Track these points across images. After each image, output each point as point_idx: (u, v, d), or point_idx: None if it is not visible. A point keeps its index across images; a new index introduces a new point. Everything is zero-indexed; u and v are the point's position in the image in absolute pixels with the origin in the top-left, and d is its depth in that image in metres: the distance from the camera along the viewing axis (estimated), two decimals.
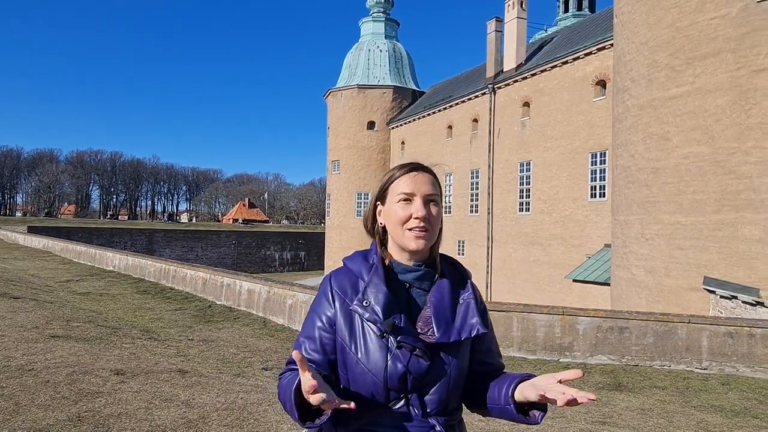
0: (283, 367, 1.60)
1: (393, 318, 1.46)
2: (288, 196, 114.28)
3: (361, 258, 1.62)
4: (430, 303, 1.52)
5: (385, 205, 1.59)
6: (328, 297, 1.55)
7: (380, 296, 1.48)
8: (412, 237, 1.52)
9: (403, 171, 1.58)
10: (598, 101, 23.55)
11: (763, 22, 13.76)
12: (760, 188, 13.73)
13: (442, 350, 1.48)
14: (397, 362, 1.43)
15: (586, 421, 6.53)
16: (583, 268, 22.39)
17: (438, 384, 1.47)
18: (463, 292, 1.58)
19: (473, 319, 1.52)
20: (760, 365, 9.51)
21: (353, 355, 1.47)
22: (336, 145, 43.47)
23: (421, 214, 1.51)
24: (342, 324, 1.51)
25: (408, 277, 1.56)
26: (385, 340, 1.45)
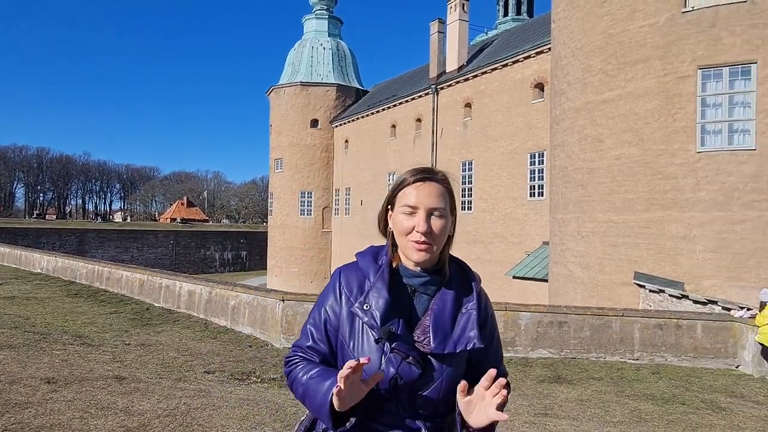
0: (291, 355, 1.65)
1: (390, 325, 1.48)
2: (228, 194, 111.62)
3: (371, 256, 1.64)
4: (431, 312, 1.53)
5: (393, 211, 1.59)
6: (336, 292, 1.61)
7: (381, 302, 1.51)
8: (413, 249, 1.53)
9: (412, 179, 1.57)
10: (537, 103, 24.31)
11: (687, 31, 14.61)
12: (685, 188, 14.58)
13: (436, 359, 1.50)
14: (390, 366, 1.47)
15: (529, 414, 6.73)
16: (522, 265, 23.07)
17: (429, 390, 1.49)
18: (468, 302, 1.58)
19: (471, 332, 1.52)
20: (686, 354, 10.10)
21: (350, 353, 1.52)
22: (279, 143, 42.82)
23: (422, 229, 1.50)
24: (345, 321, 1.56)
25: (413, 281, 1.57)
26: (381, 344, 1.49)
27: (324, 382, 1.47)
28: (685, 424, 6.67)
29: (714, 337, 10.15)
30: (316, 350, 1.60)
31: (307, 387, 1.51)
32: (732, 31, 14.07)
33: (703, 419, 6.95)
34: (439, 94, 30.89)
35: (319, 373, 1.51)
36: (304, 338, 1.63)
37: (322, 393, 1.45)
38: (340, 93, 41.99)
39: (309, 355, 1.60)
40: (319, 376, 1.50)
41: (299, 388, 1.53)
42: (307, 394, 1.50)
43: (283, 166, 42.56)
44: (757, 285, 12.75)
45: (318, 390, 1.47)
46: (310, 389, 1.49)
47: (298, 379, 1.54)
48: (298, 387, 1.54)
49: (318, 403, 1.45)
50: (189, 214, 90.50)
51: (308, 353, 1.61)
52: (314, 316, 1.63)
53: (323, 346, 1.59)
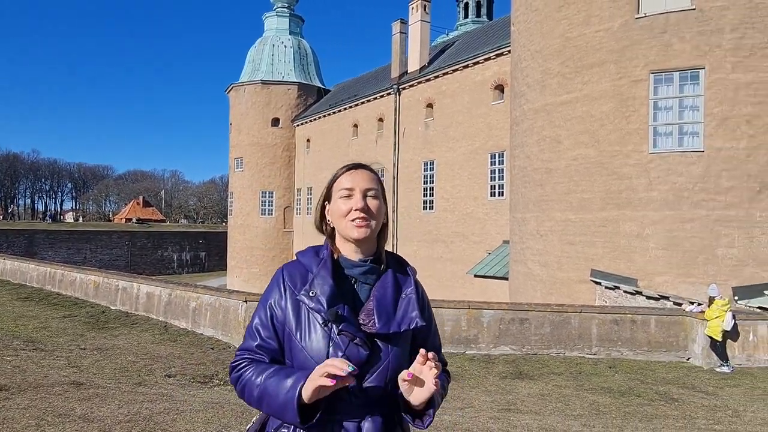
0: (237, 360, 1.61)
1: (336, 308, 1.53)
2: (187, 194, 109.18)
3: (312, 252, 1.71)
4: (373, 296, 1.60)
5: (331, 203, 1.69)
6: (280, 287, 1.64)
7: (326, 287, 1.56)
8: (353, 227, 1.61)
9: (344, 170, 1.70)
10: (497, 105, 24.72)
11: (640, 36, 15.14)
12: (638, 188, 15.10)
13: (382, 341, 1.55)
14: (337, 349, 1.51)
15: (493, 410, 6.85)
16: (483, 263, 23.43)
17: (377, 372, 1.53)
18: (406, 288, 1.66)
19: (413, 312, 1.59)
20: (641, 348, 10.48)
21: (298, 342, 1.55)
22: (239, 142, 42.16)
23: (360, 206, 1.61)
24: (290, 313, 1.59)
25: (354, 271, 1.64)
26: (328, 329, 1.53)
27: (285, 380, 1.46)
28: (641, 415, 6.92)
29: (666, 332, 10.56)
30: (265, 348, 1.59)
31: (265, 388, 1.49)
32: (682, 37, 14.66)
33: (657, 410, 7.22)
34: (401, 94, 31.03)
35: (275, 372, 1.51)
36: (251, 339, 1.62)
37: (286, 390, 1.44)
38: (302, 92, 41.67)
39: (258, 356, 1.59)
40: (276, 375, 1.50)
41: (254, 391, 1.51)
42: (266, 394, 1.49)
43: (244, 165, 41.94)
44: (705, 281, 13.32)
45: (279, 389, 1.46)
46: (270, 390, 1.48)
47: (252, 382, 1.53)
48: (252, 390, 1.52)
49: (281, 402, 1.45)
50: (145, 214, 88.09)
51: (257, 354, 1.60)
52: (259, 315, 1.63)
53: (273, 342, 1.60)
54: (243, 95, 41.62)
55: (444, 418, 5.67)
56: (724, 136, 14.28)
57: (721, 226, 14.24)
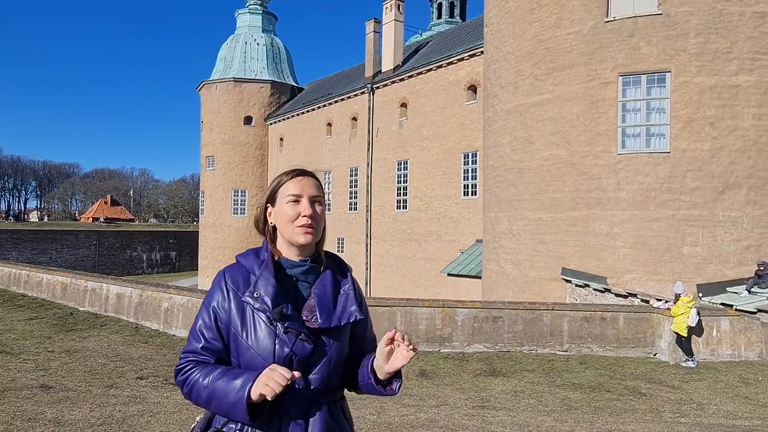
0: (183, 363, 1.65)
1: (281, 307, 1.61)
2: (156, 193, 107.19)
3: (253, 255, 1.76)
4: (314, 294, 1.69)
5: (275, 206, 1.75)
6: (222, 290, 1.69)
7: (269, 288, 1.63)
8: (301, 232, 1.69)
9: (291, 176, 1.76)
10: (470, 105, 24.96)
11: (609, 39, 15.48)
12: (607, 188, 15.45)
13: (324, 335, 1.65)
14: (284, 346, 1.59)
15: (467, 407, 6.94)
16: (456, 262, 23.64)
17: (320, 364, 1.64)
18: (344, 284, 1.77)
19: (352, 307, 1.71)
20: (610, 344, 10.73)
21: (245, 342, 1.62)
22: (211, 140, 41.61)
23: (308, 213, 1.69)
24: (235, 314, 1.64)
25: (295, 271, 1.72)
26: (273, 327, 1.60)
27: (233, 382, 1.52)
28: (611, 409, 7.10)
29: (635, 328, 10.84)
30: (210, 350, 1.64)
31: (213, 390, 1.55)
32: (649, 41, 15.04)
33: (626, 405, 7.42)
34: (374, 94, 31.06)
35: (223, 374, 1.56)
36: (195, 341, 1.66)
37: (236, 391, 1.50)
38: (275, 90, 41.35)
39: (203, 358, 1.64)
40: (223, 377, 1.55)
41: (202, 393, 1.57)
42: (215, 396, 1.54)
43: (215, 163, 41.42)
44: (671, 278, 13.70)
45: (228, 390, 1.52)
46: (218, 391, 1.54)
47: (199, 384, 1.58)
48: (200, 392, 1.57)
49: (231, 402, 1.51)
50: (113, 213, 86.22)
51: (202, 355, 1.64)
52: (202, 318, 1.67)
53: (217, 343, 1.64)
54: (215, 93, 41.09)
55: (420, 416, 5.72)
56: (689, 138, 14.71)
57: (686, 226, 14.67)
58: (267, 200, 1.77)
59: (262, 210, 1.78)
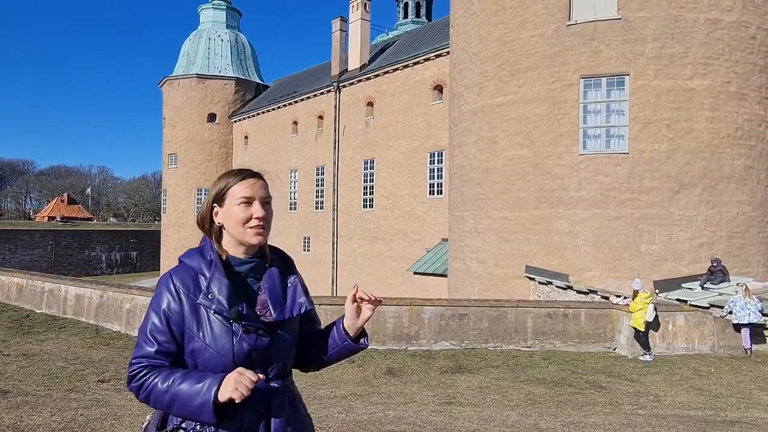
0: (135, 368, 1.65)
1: (237, 307, 1.67)
2: (116, 191, 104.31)
3: (198, 255, 1.78)
4: (264, 289, 1.75)
5: (223, 207, 1.77)
6: (172, 293, 1.70)
7: (223, 289, 1.67)
8: (253, 233, 1.74)
9: (241, 177, 1.78)
10: (436, 104, 25.17)
11: (571, 42, 15.86)
12: (569, 187, 15.83)
13: (278, 328, 1.73)
14: (243, 342, 1.66)
15: (435, 404, 7.03)
16: (423, 261, 23.83)
17: (278, 355, 1.73)
18: (290, 277, 1.83)
19: (301, 298, 1.79)
20: (572, 340, 11.01)
21: (201, 342, 1.66)
22: (173, 138, 40.77)
23: (260, 215, 1.74)
24: (189, 316, 1.67)
25: (243, 268, 1.77)
26: (229, 325, 1.66)
27: (196, 385, 1.57)
28: (573, 403, 7.31)
29: (595, 324, 11.16)
30: (165, 353, 1.66)
31: (175, 394, 1.58)
32: (609, 44, 15.47)
33: (587, 398, 7.64)
34: (341, 92, 30.99)
35: (183, 377, 1.60)
36: (148, 346, 1.66)
37: (201, 394, 1.55)
38: (240, 87, 40.79)
39: (157, 362, 1.65)
40: (185, 380, 1.59)
41: (162, 397, 1.59)
42: (177, 399, 1.58)
43: (178, 161, 40.61)
44: (630, 275, 14.15)
45: (192, 393, 1.56)
46: (181, 394, 1.57)
47: (158, 389, 1.60)
48: (160, 397, 1.60)
49: (197, 405, 1.55)
50: (71, 212, 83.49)
51: (156, 360, 1.65)
52: (152, 322, 1.68)
53: (171, 346, 1.66)
54: (177, 89, 40.27)
55: (388, 414, 5.78)
56: (646, 139, 15.21)
57: (644, 224, 15.16)
58: (213, 200, 1.79)
59: (208, 210, 1.80)
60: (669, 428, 5.01)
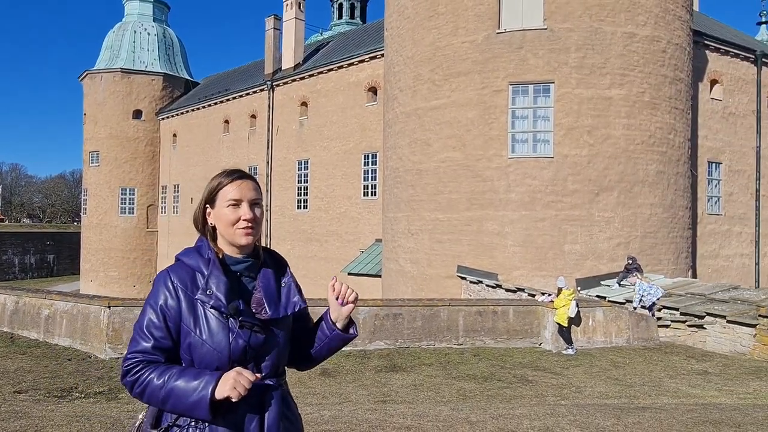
0: (131, 363, 1.68)
1: (235, 302, 1.72)
2: (31, 190, 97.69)
3: (196, 254, 1.83)
4: (259, 287, 1.80)
5: (215, 208, 1.82)
6: (169, 289, 1.74)
7: (221, 286, 1.72)
8: (242, 235, 1.78)
9: (231, 179, 1.83)
10: (371, 106, 25.35)
11: (501, 50, 16.47)
12: (499, 189, 16.43)
13: (273, 325, 1.77)
14: (239, 339, 1.69)
15: (370, 402, 7.14)
16: (357, 262, 23.94)
17: (271, 352, 1.77)
18: (284, 277, 1.89)
19: (295, 297, 1.85)
20: (501, 336, 11.45)
21: (198, 338, 1.70)
22: (95, 135, 38.70)
23: (249, 216, 1.78)
24: (186, 313, 1.71)
25: (238, 267, 1.82)
26: (226, 321, 1.70)
27: (193, 381, 1.61)
28: (502, 397, 7.63)
29: (523, 320, 11.66)
30: (161, 348, 1.70)
31: (171, 389, 1.61)
32: (536, 53, 16.20)
33: (515, 392, 8.00)
34: (274, 91, 30.58)
35: (180, 374, 1.64)
36: (144, 341, 1.70)
37: (198, 391, 1.59)
38: (168, 83, 39.32)
39: (153, 357, 1.69)
40: (181, 377, 1.63)
41: (157, 392, 1.63)
42: (173, 395, 1.61)
43: (100, 159, 38.61)
44: (555, 274, 14.86)
45: (189, 389, 1.60)
46: (177, 390, 1.61)
47: (154, 384, 1.63)
48: (155, 392, 1.63)
49: (192, 401, 1.59)
50: None
51: (151, 355, 1.69)
52: (149, 317, 1.72)
53: (167, 342, 1.70)
54: (100, 84, 38.29)
55: (323, 414, 5.82)
56: (569, 144, 16.04)
57: (567, 225, 15.99)
58: (206, 201, 1.84)
59: (201, 211, 1.85)
60: (588, 416, 5.37)
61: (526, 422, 5.07)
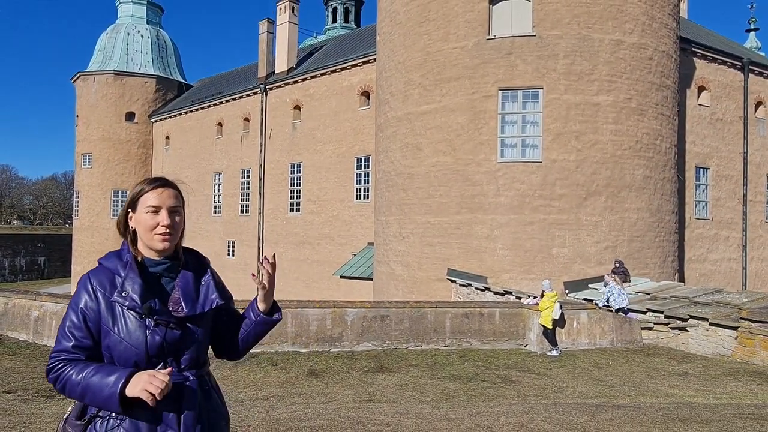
0: (53, 362, 1.80)
1: (149, 303, 1.83)
2: (21, 192, 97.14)
3: (115, 257, 1.94)
4: (177, 287, 1.92)
5: (136, 213, 1.93)
6: (89, 292, 1.86)
7: (136, 287, 1.83)
8: (159, 240, 1.89)
9: (152, 186, 1.93)
10: (363, 110, 25.52)
11: (491, 56, 16.68)
12: (488, 193, 16.61)
13: (190, 322, 1.89)
14: (155, 335, 1.81)
15: (354, 401, 7.27)
16: (349, 265, 24.05)
17: (189, 347, 1.89)
18: (205, 276, 2.00)
19: (213, 295, 1.96)
20: (487, 338, 11.61)
21: (116, 336, 1.81)
22: (87, 136, 38.69)
23: (166, 223, 1.89)
24: (105, 313, 1.82)
25: (157, 269, 1.92)
26: (142, 320, 1.81)
27: (107, 378, 1.72)
28: (485, 396, 7.78)
29: (508, 322, 11.82)
30: (81, 347, 1.81)
31: (87, 385, 1.73)
32: (525, 59, 16.42)
33: (498, 391, 8.15)
34: (268, 95, 30.71)
35: (96, 370, 1.75)
36: (65, 341, 1.81)
37: (110, 386, 1.70)
38: (161, 86, 39.38)
39: (73, 356, 1.80)
40: (96, 373, 1.74)
41: (76, 388, 1.75)
42: (89, 390, 1.73)
43: (93, 161, 38.59)
44: (543, 277, 15.01)
45: (103, 385, 1.71)
46: (92, 386, 1.73)
47: (72, 380, 1.75)
48: (74, 387, 1.75)
49: (105, 396, 1.71)
50: None
51: (72, 354, 1.80)
52: (70, 319, 1.83)
53: (87, 341, 1.81)
54: (92, 85, 38.30)
55: (308, 412, 5.95)
56: (558, 149, 16.26)
57: (556, 229, 16.19)
58: (128, 206, 1.94)
59: (123, 215, 1.95)
60: (563, 413, 5.52)
61: (502, 419, 5.22)
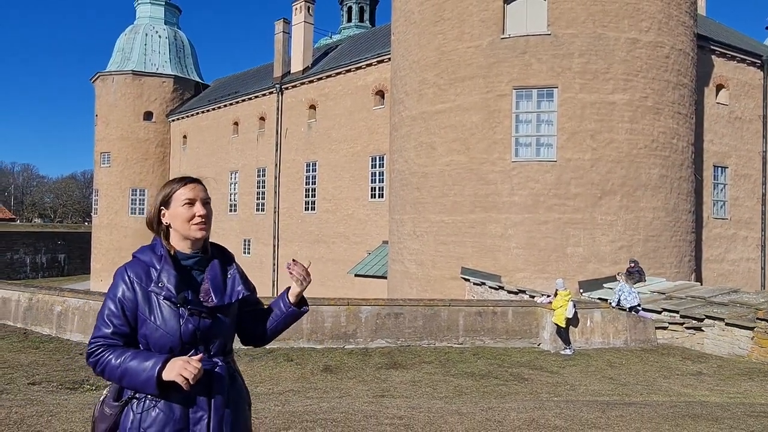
0: (93, 346, 1.96)
1: (183, 293, 1.98)
2: (42, 190, 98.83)
3: (149, 251, 2.09)
4: (207, 279, 2.08)
5: (170, 209, 2.08)
6: (126, 283, 2.01)
7: (171, 279, 1.99)
8: (197, 229, 2.06)
9: (183, 183, 2.11)
10: (378, 110, 25.64)
11: (505, 54, 16.68)
12: (502, 192, 16.63)
13: (219, 311, 2.05)
14: (189, 324, 1.97)
15: (368, 396, 7.40)
16: (363, 263, 24.19)
17: (219, 335, 2.05)
18: (230, 269, 2.17)
19: (239, 287, 2.12)
20: (500, 336, 11.66)
21: (153, 324, 1.96)
22: (106, 136, 39.30)
23: (202, 213, 2.07)
24: (141, 303, 1.98)
25: (188, 262, 2.09)
26: (177, 309, 1.97)
27: (145, 362, 1.87)
28: (496, 393, 7.86)
29: (521, 321, 11.87)
30: (119, 334, 1.96)
31: (126, 369, 1.88)
32: (539, 58, 16.40)
33: (510, 389, 8.22)
34: (283, 94, 30.95)
35: (134, 355, 1.90)
36: (105, 328, 1.96)
37: (147, 370, 1.85)
38: (178, 85, 39.85)
39: (112, 341, 1.96)
40: (134, 358, 1.89)
41: (115, 371, 1.90)
42: (127, 374, 1.88)
43: (111, 160, 39.19)
44: (557, 276, 14.98)
45: (141, 369, 1.87)
46: (131, 370, 1.88)
47: (112, 364, 1.91)
48: (113, 371, 1.91)
49: (143, 380, 1.86)
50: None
51: (111, 339, 1.96)
52: (108, 307, 1.98)
53: (125, 328, 1.97)
54: (111, 85, 38.89)
55: (322, 405, 6.08)
56: (573, 149, 16.22)
57: (570, 228, 16.16)
58: (161, 204, 2.09)
59: (156, 213, 2.09)
60: (574, 410, 5.59)
61: (513, 414, 5.30)
